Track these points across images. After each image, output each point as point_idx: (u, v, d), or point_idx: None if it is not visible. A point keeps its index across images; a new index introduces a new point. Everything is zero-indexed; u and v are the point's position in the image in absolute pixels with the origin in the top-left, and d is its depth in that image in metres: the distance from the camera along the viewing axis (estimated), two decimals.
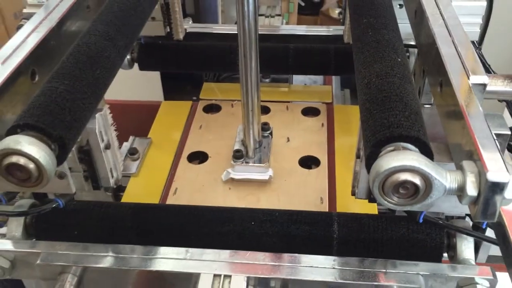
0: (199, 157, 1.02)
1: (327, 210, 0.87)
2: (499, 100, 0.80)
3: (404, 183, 0.46)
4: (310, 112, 1.13)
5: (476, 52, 0.72)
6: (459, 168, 0.47)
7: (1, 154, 0.50)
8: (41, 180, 0.51)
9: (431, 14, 0.68)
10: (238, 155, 0.93)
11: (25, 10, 0.80)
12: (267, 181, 0.92)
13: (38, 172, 0.50)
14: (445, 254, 0.69)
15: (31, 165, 0.50)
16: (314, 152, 1.00)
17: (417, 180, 0.46)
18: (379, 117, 0.51)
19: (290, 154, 1.00)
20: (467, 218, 0.77)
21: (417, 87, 0.79)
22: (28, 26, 0.70)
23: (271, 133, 0.99)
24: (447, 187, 0.46)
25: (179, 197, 0.91)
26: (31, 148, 0.49)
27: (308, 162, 0.99)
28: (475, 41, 0.79)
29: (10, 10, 1.81)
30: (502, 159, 0.45)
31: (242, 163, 0.93)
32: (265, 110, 1.12)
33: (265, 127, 0.99)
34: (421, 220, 0.66)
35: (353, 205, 0.87)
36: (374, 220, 0.70)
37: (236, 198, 0.90)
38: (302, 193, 0.91)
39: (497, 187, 0.44)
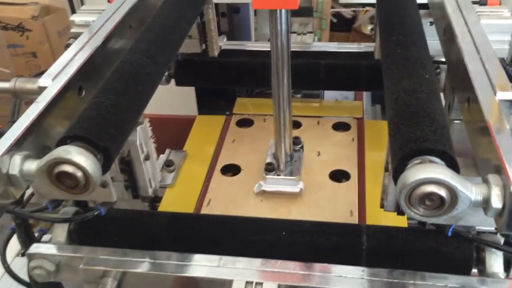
0: (232, 170, 1.05)
1: (356, 223, 0.89)
2: None
3: (430, 195, 0.48)
4: (340, 127, 1.15)
5: (506, 69, 0.73)
6: (485, 181, 0.49)
7: (52, 163, 0.54)
8: (87, 188, 0.55)
9: (459, 32, 0.70)
10: (270, 168, 0.95)
11: (72, 30, 0.86)
12: (298, 194, 0.95)
13: (85, 180, 0.54)
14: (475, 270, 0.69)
15: (79, 174, 0.54)
16: (344, 166, 1.02)
17: (442, 192, 0.48)
18: (406, 132, 0.53)
19: (320, 167, 1.02)
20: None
21: (447, 103, 0.80)
22: (75, 45, 0.75)
23: (302, 147, 1.02)
24: (473, 200, 0.48)
25: (213, 208, 0.94)
26: (80, 158, 0.53)
27: (338, 175, 1.01)
28: (505, 58, 0.80)
29: (54, 29, 1.90)
30: None
31: (274, 175, 0.95)
32: (297, 125, 1.15)
33: (296, 141, 1.01)
34: (450, 233, 0.67)
35: (382, 218, 0.88)
36: (403, 233, 0.71)
37: (267, 210, 0.93)
38: (332, 206, 0.93)
39: None
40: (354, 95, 1.37)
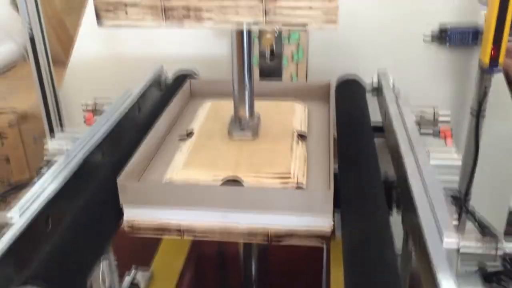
0: None
1: None
2: None
3: None
4: None
5: (459, 204, 0.78)
6: None
7: None
8: None
9: (411, 175, 0.75)
10: None
11: (46, 158, 0.88)
12: None
13: None
14: None
15: None
16: None
17: None
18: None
19: None
20: None
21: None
22: (46, 176, 0.77)
23: None
24: None
25: None
26: None
27: None
28: (457, 193, 0.84)
29: (30, 135, 1.93)
30: None
31: None
32: None
33: None
34: None
35: None
36: None
37: None
38: None
39: None
40: None
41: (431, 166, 0.77)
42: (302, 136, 0.88)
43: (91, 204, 0.72)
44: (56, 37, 2.29)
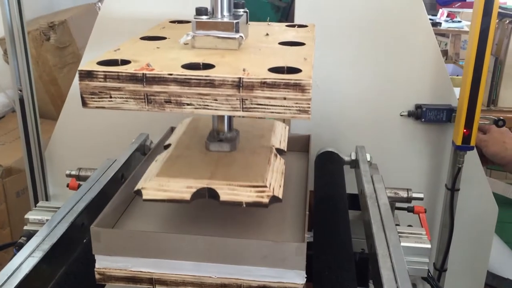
0: None
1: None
2: None
3: None
4: None
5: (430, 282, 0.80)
6: None
7: None
8: None
9: (381, 256, 0.77)
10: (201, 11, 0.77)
11: (25, 227, 0.89)
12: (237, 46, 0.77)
13: None
14: None
15: None
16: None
17: None
18: None
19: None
20: None
21: None
22: (25, 251, 0.78)
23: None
24: None
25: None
26: None
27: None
28: (429, 274, 0.87)
29: (13, 190, 1.93)
30: None
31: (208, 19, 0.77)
32: None
33: None
34: None
35: None
36: None
37: (194, 55, 0.72)
38: (282, 53, 0.76)
39: None
40: None
41: (401, 249, 0.80)
42: (281, 152, 0.87)
43: (67, 281, 0.73)
44: (47, 91, 2.33)
